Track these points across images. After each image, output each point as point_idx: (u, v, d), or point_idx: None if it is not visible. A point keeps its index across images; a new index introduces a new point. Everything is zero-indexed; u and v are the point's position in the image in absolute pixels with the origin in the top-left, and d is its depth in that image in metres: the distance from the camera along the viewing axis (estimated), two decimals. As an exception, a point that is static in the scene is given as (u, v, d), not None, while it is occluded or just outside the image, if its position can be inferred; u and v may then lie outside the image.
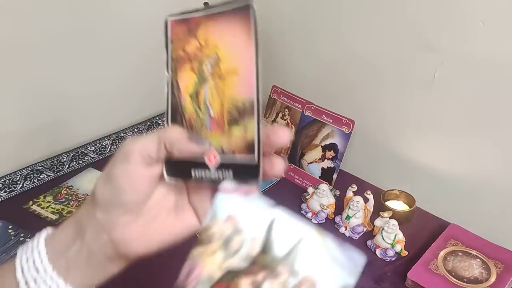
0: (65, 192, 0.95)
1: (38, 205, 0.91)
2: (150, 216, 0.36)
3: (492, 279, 0.77)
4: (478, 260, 0.81)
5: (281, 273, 0.32)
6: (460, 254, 0.82)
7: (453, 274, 0.78)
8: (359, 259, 0.31)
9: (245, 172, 0.35)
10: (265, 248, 0.33)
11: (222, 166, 0.36)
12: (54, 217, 0.88)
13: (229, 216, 0.34)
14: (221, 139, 0.36)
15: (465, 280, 0.77)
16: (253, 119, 0.35)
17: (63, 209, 0.90)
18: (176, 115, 0.39)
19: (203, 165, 0.36)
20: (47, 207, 0.91)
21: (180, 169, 0.36)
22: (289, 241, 0.33)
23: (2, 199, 0.93)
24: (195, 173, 0.36)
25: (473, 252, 0.82)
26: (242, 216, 0.34)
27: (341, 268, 0.31)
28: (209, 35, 0.37)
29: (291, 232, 0.33)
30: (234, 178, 0.35)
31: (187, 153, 0.35)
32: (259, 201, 0.34)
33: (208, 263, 0.33)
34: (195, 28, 0.38)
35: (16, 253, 0.35)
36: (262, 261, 0.33)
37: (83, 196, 0.94)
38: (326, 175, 1.00)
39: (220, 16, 0.36)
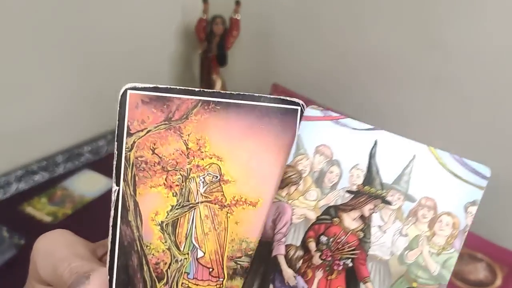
0: (60, 193, 0.93)
1: (33, 207, 0.89)
2: None
3: (498, 282, 0.76)
4: (483, 263, 0.80)
5: (393, 200, 0.28)
6: (465, 257, 0.81)
7: (458, 277, 0.77)
8: (484, 171, 0.28)
9: None
10: (370, 175, 0.29)
11: None
12: (49, 219, 0.87)
13: (319, 146, 0.29)
14: None
15: (470, 283, 0.76)
16: None
17: (58, 210, 0.89)
18: (129, 255, 0.26)
19: None
20: (42, 208, 0.89)
21: None
22: (398, 163, 0.29)
23: (-4, 200, 0.92)
24: None
25: (478, 255, 0.81)
26: (336, 144, 0.29)
27: (464, 183, 0.28)
28: (207, 134, 0.26)
29: (398, 152, 0.29)
30: None
31: None
32: (353, 124, 0.29)
33: (300, 204, 0.29)
34: (181, 118, 0.26)
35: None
36: (368, 191, 0.29)
37: (78, 197, 0.92)
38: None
39: (235, 109, 0.26)
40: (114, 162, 0.26)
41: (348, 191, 0.28)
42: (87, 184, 0.96)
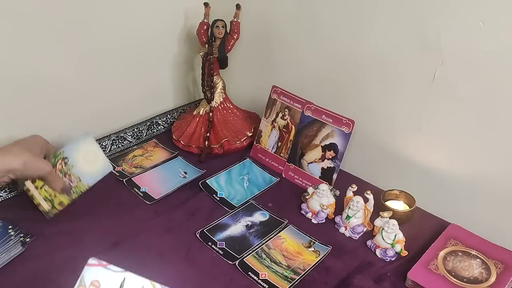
0: (60, 167, 0.90)
1: (33, 182, 0.87)
2: None
3: (492, 279, 0.77)
4: (478, 260, 0.81)
5: None
6: (460, 254, 0.82)
7: (453, 274, 0.78)
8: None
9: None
10: None
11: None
12: (46, 207, 0.87)
13: (93, 281, 0.55)
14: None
15: (465, 280, 0.77)
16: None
17: (55, 195, 0.88)
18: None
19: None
20: (41, 187, 0.87)
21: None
22: None
23: (2, 199, 0.93)
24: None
25: (473, 252, 0.82)
26: (103, 279, 0.55)
27: None
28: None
29: (135, 284, 0.56)
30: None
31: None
32: (114, 269, 0.56)
33: None
34: None
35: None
36: None
37: (75, 179, 0.91)
38: (326, 175, 1.00)
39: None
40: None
41: None
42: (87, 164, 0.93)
